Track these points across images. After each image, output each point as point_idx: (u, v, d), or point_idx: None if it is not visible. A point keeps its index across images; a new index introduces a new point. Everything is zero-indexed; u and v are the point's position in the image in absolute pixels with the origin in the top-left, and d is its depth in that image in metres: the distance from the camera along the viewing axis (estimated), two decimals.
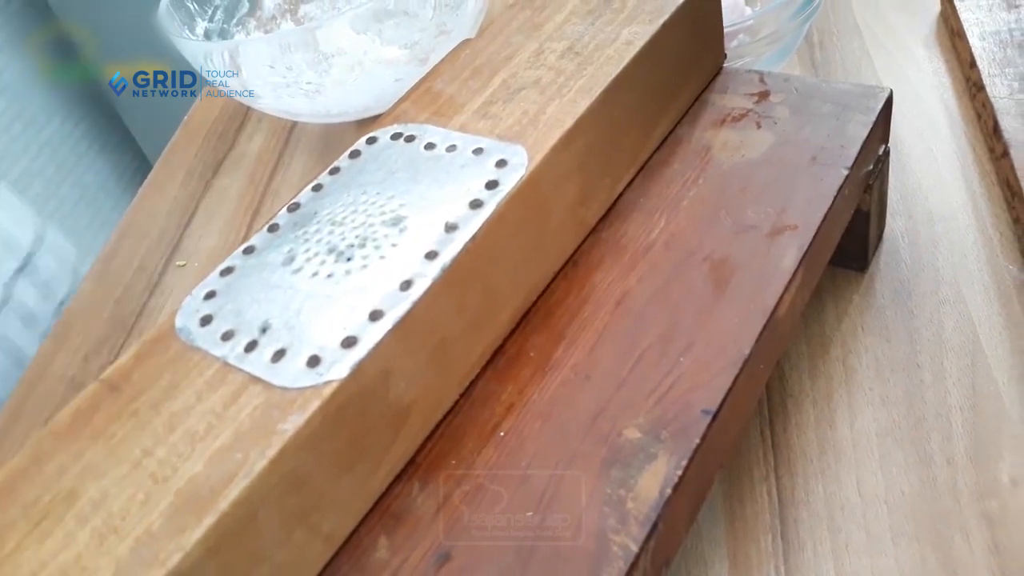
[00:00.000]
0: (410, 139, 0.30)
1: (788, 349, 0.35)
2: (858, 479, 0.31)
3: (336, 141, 0.56)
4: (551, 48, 0.32)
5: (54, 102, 1.20)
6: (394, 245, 0.26)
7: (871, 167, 0.34)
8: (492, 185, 0.27)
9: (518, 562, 0.23)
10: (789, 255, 0.29)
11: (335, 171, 0.30)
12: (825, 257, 0.31)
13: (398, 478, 0.26)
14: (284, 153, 0.56)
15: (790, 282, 0.28)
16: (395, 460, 0.25)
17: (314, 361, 0.23)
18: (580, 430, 0.25)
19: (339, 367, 0.23)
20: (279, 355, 0.24)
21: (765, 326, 0.27)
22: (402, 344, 0.24)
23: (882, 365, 0.34)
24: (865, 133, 0.32)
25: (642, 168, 0.34)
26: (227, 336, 0.25)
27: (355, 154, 0.30)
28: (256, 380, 0.23)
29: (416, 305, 0.24)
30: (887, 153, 0.35)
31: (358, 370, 0.23)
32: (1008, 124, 0.39)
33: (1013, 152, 0.38)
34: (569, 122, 0.29)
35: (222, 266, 0.27)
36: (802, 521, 0.30)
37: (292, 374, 0.23)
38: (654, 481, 0.23)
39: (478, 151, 0.28)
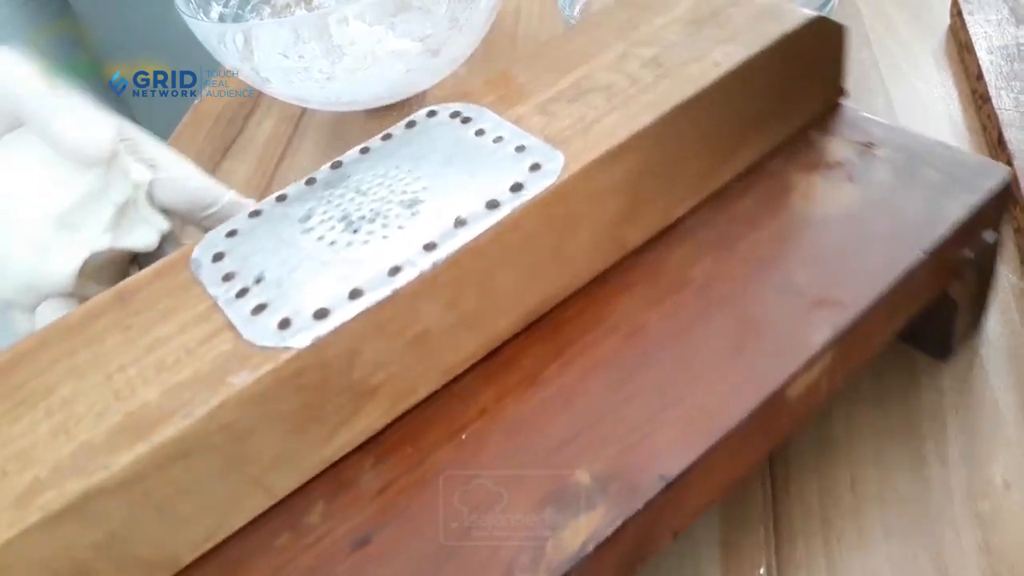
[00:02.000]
0: (466, 120, 0.29)
1: None
2: (852, 477, 0.31)
3: (346, 129, 0.57)
4: (637, 54, 0.31)
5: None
6: (400, 228, 0.26)
7: (969, 254, 0.30)
8: (516, 188, 0.26)
9: (430, 563, 0.23)
10: (820, 333, 0.26)
11: (387, 137, 0.30)
12: (876, 343, 0.29)
13: (360, 448, 0.26)
14: (293, 139, 0.57)
15: (811, 362, 0.26)
16: (355, 433, 0.26)
17: (285, 324, 0.24)
18: (537, 456, 0.25)
19: (303, 336, 0.23)
20: (259, 309, 0.24)
21: (764, 403, 0.25)
22: (376, 328, 0.24)
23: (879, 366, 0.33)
24: (963, 215, 0.29)
25: (714, 196, 0.31)
26: (227, 278, 0.26)
27: (411, 124, 0.30)
28: (231, 328, 0.24)
29: (398, 293, 0.24)
30: (997, 244, 0.31)
31: (320, 343, 0.23)
32: (1012, 135, 0.39)
33: (1016, 163, 0.38)
34: (621, 136, 0.27)
35: (252, 208, 0.28)
36: (795, 515, 0.30)
37: (262, 331, 0.24)
38: (581, 533, 0.23)
39: (520, 148, 0.28)
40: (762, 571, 0.29)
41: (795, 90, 0.32)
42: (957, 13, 0.49)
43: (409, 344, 0.25)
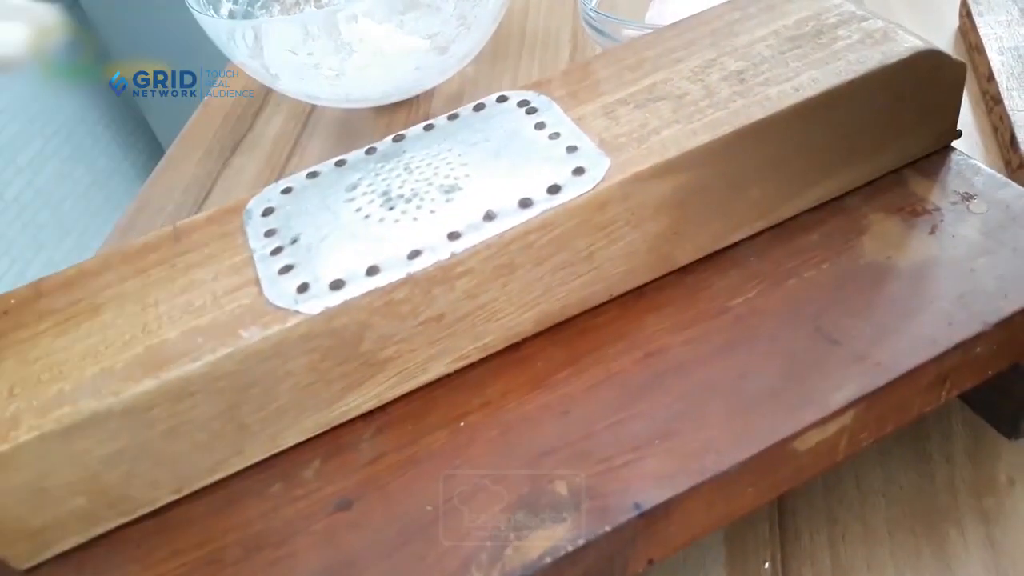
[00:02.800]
0: (531, 111, 0.29)
1: None
2: (857, 473, 0.31)
3: (354, 126, 0.56)
4: (723, 64, 0.29)
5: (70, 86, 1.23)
6: (432, 212, 0.26)
7: None
8: (553, 190, 0.26)
9: (398, 539, 0.24)
10: (844, 392, 0.24)
11: (453, 117, 0.30)
12: (917, 409, 0.26)
13: (364, 416, 0.27)
14: (302, 136, 0.57)
15: (826, 419, 0.24)
16: (360, 400, 0.27)
17: (303, 288, 0.25)
18: (524, 458, 0.25)
19: (315, 303, 0.24)
20: (286, 270, 0.26)
21: (765, 452, 0.24)
22: (387, 306, 0.25)
23: None
24: None
25: (778, 225, 0.30)
26: (268, 234, 0.27)
27: (479, 107, 0.30)
28: (257, 283, 0.25)
29: (413, 276, 0.25)
30: None
31: (330, 313, 0.24)
32: None
33: None
34: (672, 152, 0.26)
35: (311, 170, 0.29)
36: (800, 511, 0.30)
37: (281, 292, 0.25)
38: (542, 544, 0.23)
39: (572, 149, 0.27)
40: (767, 565, 0.29)
41: (891, 127, 0.29)
42: (966, 14, 0.48)
43: (422, 326, 0.26)
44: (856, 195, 0.31)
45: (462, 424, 0.26)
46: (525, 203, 0.26)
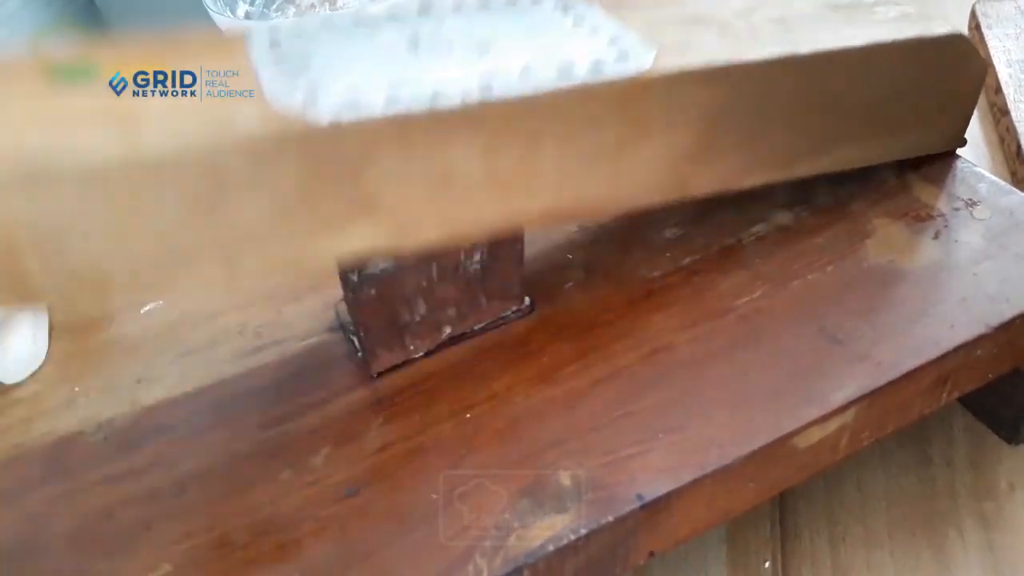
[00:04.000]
0: (568, 10, 0.27)
1: None
2: (859, 476, 0.32)
3: None
4: (766, 11, 0.28)
5: None
6: (462, 60, 0.24)
7: None
8: (596, 66, 0.25)
9: (399, 527, 0.24)
10: (846, 390, 0.25)
11: (483, 7, 0.28)
12: (918, 409, 0.27)
13: (372, 406, 0.28)
14: None
15: (827, 416, 0.25)
16: (337, 248, 0.24)
17: (312, 98, 0.22)
18: (529, 449, 0.25)
19: (323, 113, 0.22)
20: (293, 77, 0.23)
21: (767, 447, 0.24)
22: (401, 139, 0.23)
23: None
24: None
25: (784, 228, 0.30)
26: (275, 49, 0.24)
27: (512, 1, 0.29)
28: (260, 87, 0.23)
29: (434, 113, 0.23)
30: None
31: (339, 129, 0.22)
32: None
33: None
34: (719, 60, 0.25)
35: (324, 17, 0.28)
36: (801, 512, 0.31)
37: (288, 95, 0.22)
38: (545, 533, 0.23)
39: (614, 40, 0.26)
40: (767, 564, 0.29)
41: (915, 107, 0.29)
42: (975, 27, 0.48)
43: (427, 177, 0.24)
44: (862, 200, 0.31)
45: (468, 416, 0.27)
46: (565, 73, 0.24)
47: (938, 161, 0.32)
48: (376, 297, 0.27)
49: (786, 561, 0.30)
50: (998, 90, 0.44)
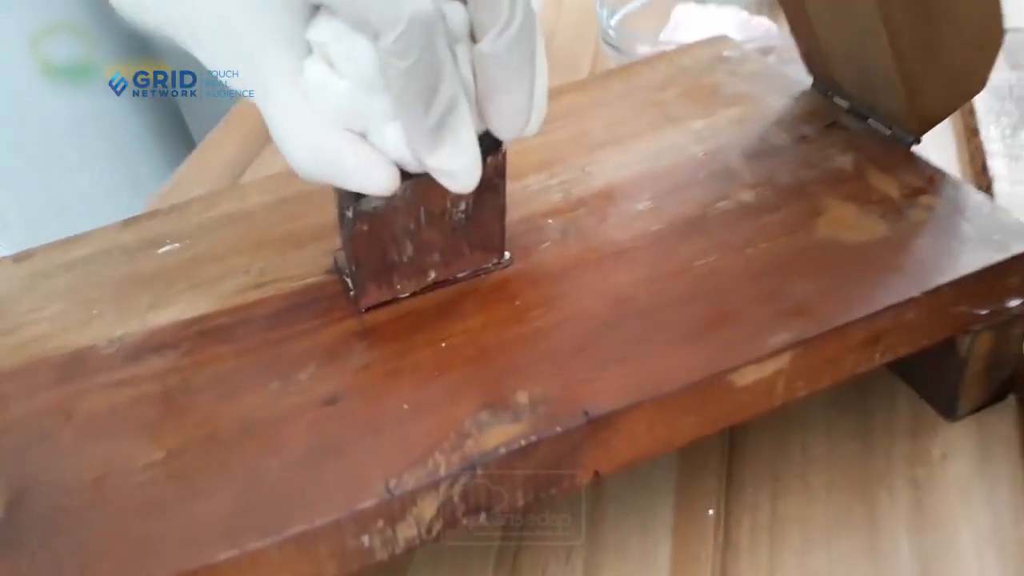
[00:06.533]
0: None
1: None
2: (803, 441, 0.34)
3: None
4: None
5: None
6: None
7: (981, 313, 0.30)
8: None
9: (371, 430, 0.27)
10: (780, 337, 0.28)
11: None
12: (851, 365, 0.29)
13: (360, 333, 0.31)
14: None
15: (762, 358, 0.27)
16: None
17: None
18: (493, 373, 0.28)
19: None
20: None
21: (705, 381, 0.27)
22: None
23: None
24: (974, 268, 0.29)
25: (745, 206, 0.33)
26: None
27: None
28: None
29: None
30: (1022, 315, 0.31)
31: None
32: (994, 163, 0.44)
33: (996, 185, 0.43)
34: None
35: None
36: (747, 469, 0.33)
37: None
38: (499, 438, 0.26)
39: None
40: (711, 512, 0.32)
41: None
42: None
43: None
44: (819, 184, 0.34)
45: (443, 345, 0.30)
46: None
47: (894, 154, 0.35)
48: (368, 233, 0.30)
49: (728, 509, 0.32)
50: (971, 112, 0.47)
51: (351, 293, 0.32)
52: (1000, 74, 0.49)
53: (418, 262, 0.31)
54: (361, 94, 0.25)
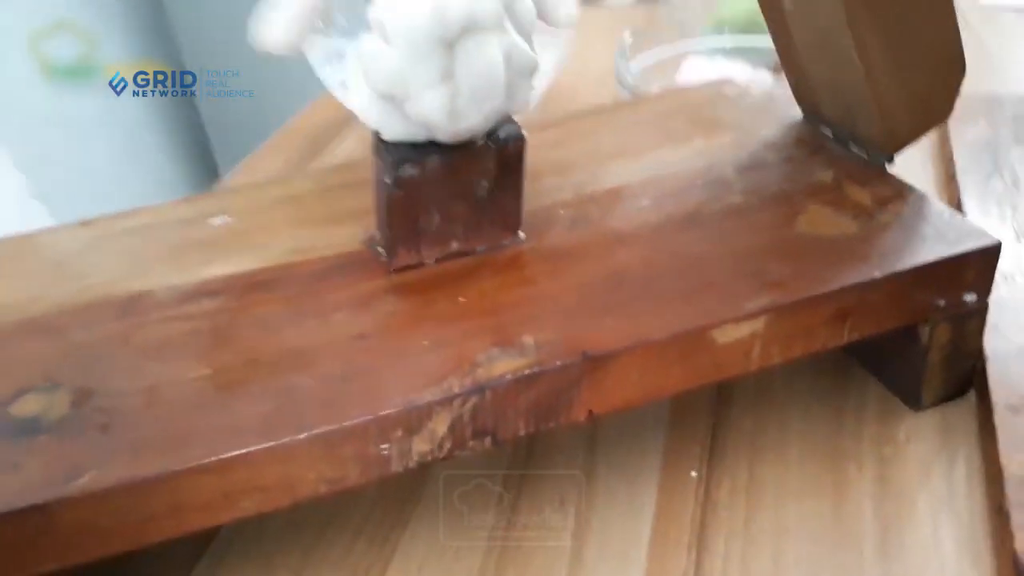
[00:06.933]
0: None
1: None
2: (781, 421, 0.38)
3: None
4: None
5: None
6: None
7: (939, 302, 0.34)
8: None
9: (394, 358, 0.31)
10: (756, 302, 0.32)
11: None
12: (819, 338, 0.33)
13: (389, 289, 0.35)
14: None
15: (739, 318, 0.31)
16: None
17: None
18: (504, 323, 0.32)
19: None
20: None
21: (688, 332, 0.31)
22: None
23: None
24: (931, 258, 0.33)
25: (734, 209, 0.37)
26: None
27: None
28: None
29: None
30: (979, 311, 0.35)
31: None
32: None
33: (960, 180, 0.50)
34: None
35: None
36: (728, 441, 0.37)
37: None
38: (506, 367, 0.30)
39: None
40: (694, 474, 0.35)
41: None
42: None
43: None
44: (801, 192, 0.38)
45: (461, 300, 0.34)
46: None
47: (870, 172, 0.39)
48: (403, 198, 0.34)
49: (710, 473, 0.35)
50: (951, 159, 0.52)
51: (382, 259, 0.36)
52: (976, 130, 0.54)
53: (443, 232, 0.36)
54: (407, 62, 0.30)
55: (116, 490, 0.27)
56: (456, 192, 0.35)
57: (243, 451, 0.28)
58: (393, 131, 0.33)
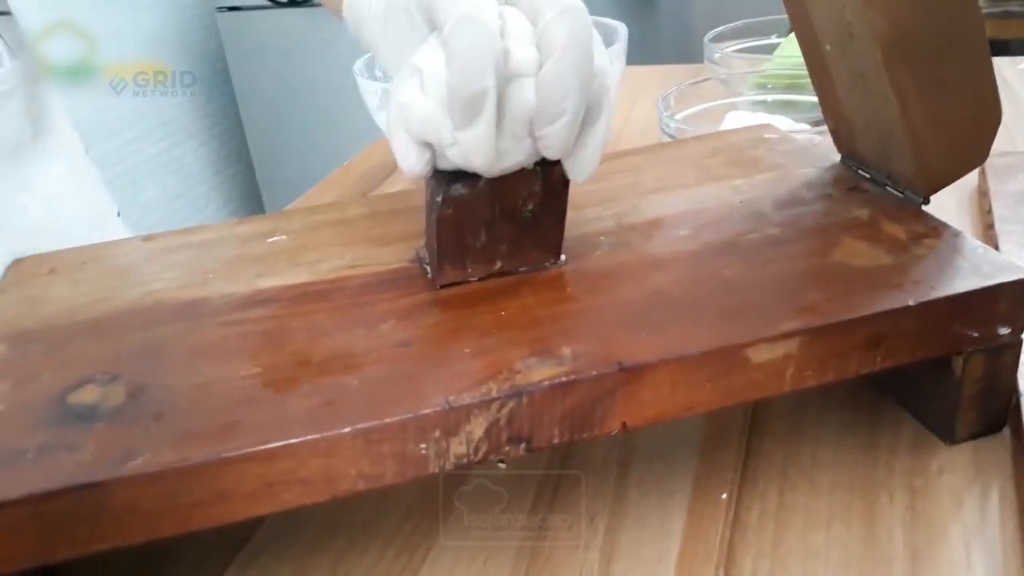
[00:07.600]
0: None
1: None
2: (813, 452, 0.38)
3: None
4: None
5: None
6: None
7: (973, 334, 0.34)
8: None
9: (437, 364, 0.32)
10: (791, 323, 0.32)
11: None
12: (853, 363, 0.33)
13: (432, 301, 0.36)
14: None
15: (774, 339, 0.32)
16: None
17: None
18: (544, 335, 0.33)
19: None
20: None
21: (721, 350, 0.31)
22: None
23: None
24: (963, 289, 0.33)
25: (773, 239, 0.38)
26: None
27: None
28: None
29: None
30: (1013, 344, 0.35)
31: None
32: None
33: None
34: None
35: None
36: (760, 467, 0.38)
37: None
38: (543, 375, 0.31)
39: None
40: (724, 496, 0.36)
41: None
42: (981, 171, 0.59)
43: None
44: (837, 227, 0.39)
45: (503, 313, 0.35)
46: None
47: (905, 210, 0.40)
48: (452, 217, 0.36)
49: (740, 497, 0.36)
50: (989, 210, 0.52)
51: (429, 275, 0.38)
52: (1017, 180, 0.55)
53: (488, 251, 0.37)
54: (441, 113, 0.32)
55: (166, 473, 0.28)
56: (502, 213, 0.37)
57: (287, 442, 0.29)
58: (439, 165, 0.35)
